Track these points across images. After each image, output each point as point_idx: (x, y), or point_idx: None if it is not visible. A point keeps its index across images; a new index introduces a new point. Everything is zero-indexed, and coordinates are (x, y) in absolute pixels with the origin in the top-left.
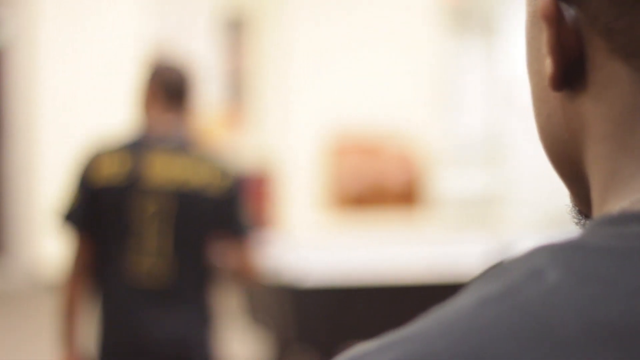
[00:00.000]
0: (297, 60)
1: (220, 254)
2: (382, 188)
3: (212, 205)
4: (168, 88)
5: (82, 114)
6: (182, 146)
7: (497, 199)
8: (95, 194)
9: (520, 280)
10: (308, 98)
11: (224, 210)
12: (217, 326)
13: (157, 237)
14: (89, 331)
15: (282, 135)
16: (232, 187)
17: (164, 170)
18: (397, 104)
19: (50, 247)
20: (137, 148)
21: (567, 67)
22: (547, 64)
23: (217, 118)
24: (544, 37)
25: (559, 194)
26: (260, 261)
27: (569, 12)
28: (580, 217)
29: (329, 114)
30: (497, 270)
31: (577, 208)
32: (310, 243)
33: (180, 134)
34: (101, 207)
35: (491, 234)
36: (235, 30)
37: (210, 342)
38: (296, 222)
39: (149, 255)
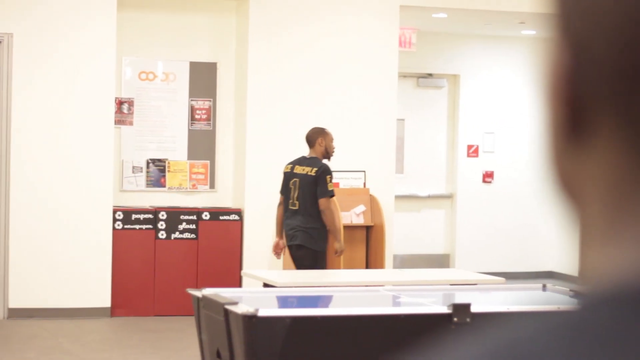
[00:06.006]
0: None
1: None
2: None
3: (310, 180)
4: (306, 139)
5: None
6: (304, 161)
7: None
8: (286, 177)
9: None
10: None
11: (315, 182)
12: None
13: (294, 192)
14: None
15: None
16: (317, 172)
17: (297, 169)
18: (358, 159)
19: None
20: (294, 162)
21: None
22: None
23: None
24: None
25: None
26: (329, 206)
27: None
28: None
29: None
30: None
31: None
32: (277, 281)
33: (305, 157)
34: (286, 182)
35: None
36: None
37: (316, 237)
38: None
39: (293, 198)
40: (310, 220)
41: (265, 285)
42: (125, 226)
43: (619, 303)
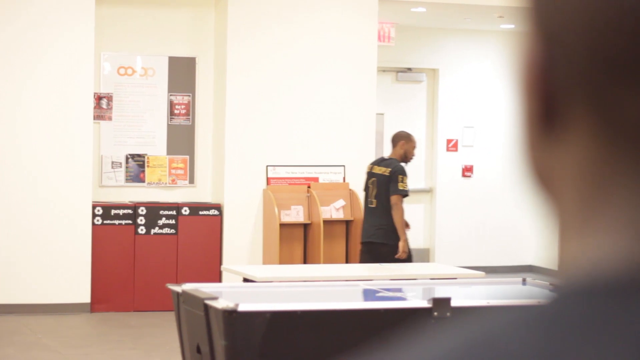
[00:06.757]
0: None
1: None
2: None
3: (385, 179)
4: (391, 140)
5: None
6: (382, 161)
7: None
8: (367, 177)
9: None
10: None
11: (389, 181)
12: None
13: (373, 191)
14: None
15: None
16: (391, 172)
17: (375, 169)
18: (338, 153)
19: None
20: (373, 162)
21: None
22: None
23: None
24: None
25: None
26: (398, 203)
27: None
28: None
29: (268, 157)
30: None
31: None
32: (257, 276)
33: (384, 157)
34: (366, 181)
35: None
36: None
37: (389, 232)
38: (241, 259)
39: (371, 197)
40: (387, 218)
41: (245, 280)
42: (105, 221)
43: (594, 294)
